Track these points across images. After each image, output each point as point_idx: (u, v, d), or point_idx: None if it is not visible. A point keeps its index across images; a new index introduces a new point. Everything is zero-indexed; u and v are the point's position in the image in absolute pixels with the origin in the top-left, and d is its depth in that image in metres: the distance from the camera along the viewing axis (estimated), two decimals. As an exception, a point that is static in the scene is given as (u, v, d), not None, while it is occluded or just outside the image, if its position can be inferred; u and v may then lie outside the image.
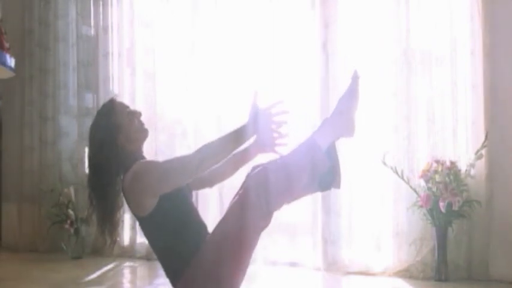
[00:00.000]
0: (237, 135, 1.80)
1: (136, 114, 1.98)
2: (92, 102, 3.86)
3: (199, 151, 1.80)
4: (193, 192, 2.13)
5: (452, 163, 2.78)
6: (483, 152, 2.75)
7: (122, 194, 1.90)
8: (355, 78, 1.95)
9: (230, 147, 1.80)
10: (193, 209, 1.99)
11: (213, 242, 1.84)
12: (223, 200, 3.11)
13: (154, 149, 3.45)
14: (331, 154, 1.91)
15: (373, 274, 2.96)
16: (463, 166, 2.80)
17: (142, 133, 1.98)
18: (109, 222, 1.91)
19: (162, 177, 1.79)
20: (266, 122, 1.81)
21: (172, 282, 1.90)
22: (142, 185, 1.80)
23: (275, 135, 1.91)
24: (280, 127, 1.89)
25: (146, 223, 1.90)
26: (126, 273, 3.21)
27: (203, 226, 1.97)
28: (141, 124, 1.99)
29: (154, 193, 1.81)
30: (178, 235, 1.86)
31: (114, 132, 1.91)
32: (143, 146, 2.02)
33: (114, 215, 1.91)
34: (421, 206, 2.80)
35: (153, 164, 1.88)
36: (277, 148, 1.95)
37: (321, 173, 1.86)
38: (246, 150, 1.99)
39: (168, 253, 1.91)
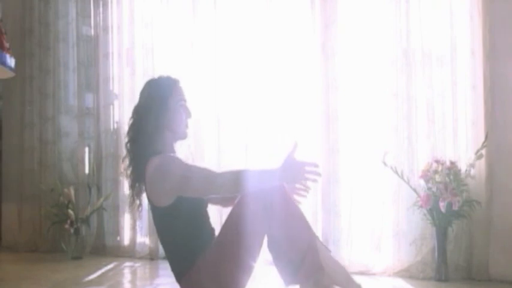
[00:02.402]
0: (266, 177, 1.82)
1: (187, 111, 2.02)
2: (92, 102, 3.86)
3: (223, 175, 1.84)
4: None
5: (452, 163, 2.78)
6: (483, 152, 2.75)
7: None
8: None
9: (255, 184, 1.81)
10: (206, 215, 2.01)
11: (216, 245, 1.87)
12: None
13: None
14: None
15: (373, 274, 2.96)
16: (463, 166, 2.80)
17: (182, 131, 2.02)
18: (138, 182, 1.94)
19: (182, 184, 1.83)
20: (298, 175, 1.80)
21: (177, 278, 1.93)
22: (163, 180, 1.84)
23: (300, 188, 2.00)
24: (306, 184, 1.97)
25: (159, 214, 1.93)
26: (126, 273, 3.21)
27: (212, 231, 2.00)
28: (186, 124, 2.02)
29: (170, 192, 1.84)
30: (187, 234, 1.89)
31: (161, 106, 1.93)
32: (175, 146, 2.03)
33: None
34: (421, 206, 2.79)
35: (180, 166, 1.88)
36: (296, 197, 2.00)
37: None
38: None
39: (174, 249, 1.93)
